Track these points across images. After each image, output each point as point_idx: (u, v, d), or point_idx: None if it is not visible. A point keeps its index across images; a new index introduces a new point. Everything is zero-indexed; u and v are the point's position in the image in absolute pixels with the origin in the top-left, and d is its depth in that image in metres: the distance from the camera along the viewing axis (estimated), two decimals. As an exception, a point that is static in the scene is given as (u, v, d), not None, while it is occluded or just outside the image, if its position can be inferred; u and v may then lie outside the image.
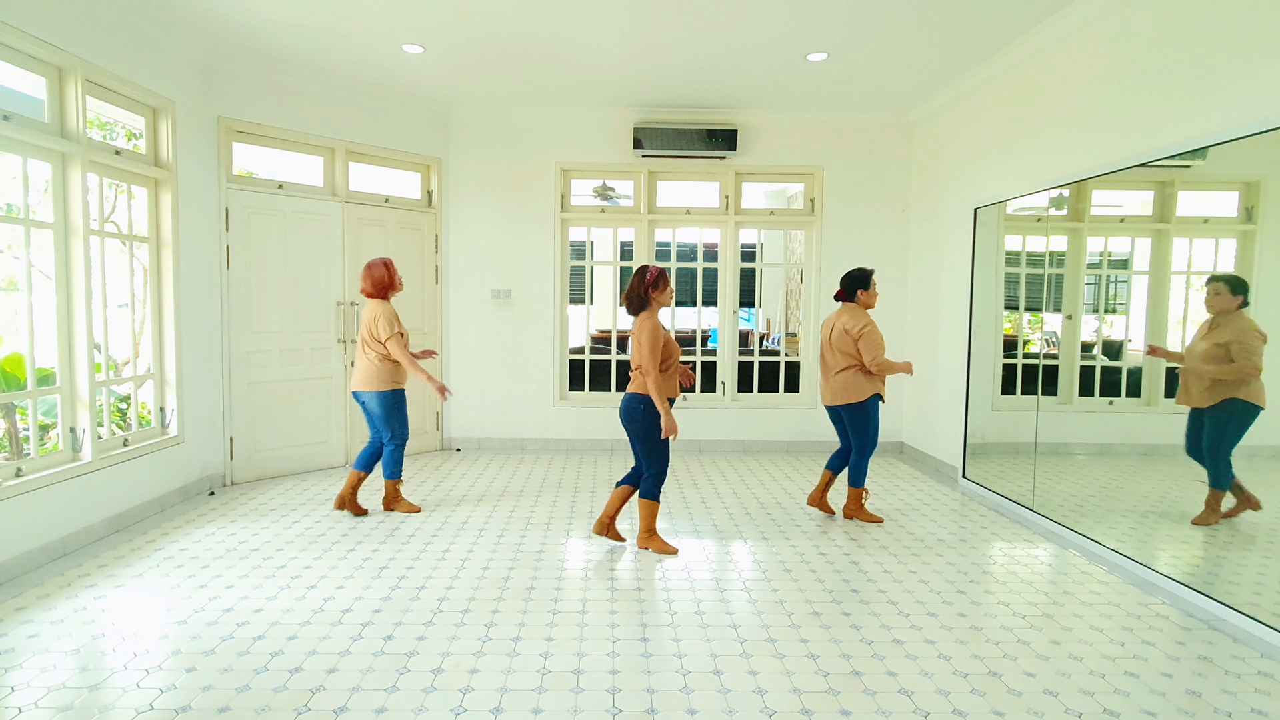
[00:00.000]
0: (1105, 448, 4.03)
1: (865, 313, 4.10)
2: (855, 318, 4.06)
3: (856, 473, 4.21)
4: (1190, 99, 3.28)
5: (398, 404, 4.23)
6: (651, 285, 3.57)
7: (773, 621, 2.94)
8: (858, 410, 4.09)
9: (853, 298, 4.16)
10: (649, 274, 3.58)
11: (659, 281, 3.58)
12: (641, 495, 3.71)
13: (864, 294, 4.13)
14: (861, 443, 4.15)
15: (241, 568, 3.45)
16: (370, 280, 4.20)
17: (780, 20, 4.22)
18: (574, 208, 6.35)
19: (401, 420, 4.27)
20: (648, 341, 3.47)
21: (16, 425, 4.89)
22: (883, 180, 6.21)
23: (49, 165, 3.63)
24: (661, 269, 3.60)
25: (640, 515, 3.74)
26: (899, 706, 2.33)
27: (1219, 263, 3.29)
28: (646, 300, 3.58)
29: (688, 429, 6.29)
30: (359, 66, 5.08)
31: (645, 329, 3.49)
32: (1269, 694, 2.43)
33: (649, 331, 3.48)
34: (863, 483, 4.24)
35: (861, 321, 4.04)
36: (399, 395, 4.24)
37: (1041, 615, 3.03)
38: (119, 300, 4.58)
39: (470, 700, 2.34)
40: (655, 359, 3.47)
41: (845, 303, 4.20)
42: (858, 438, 4.15)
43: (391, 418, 4.23)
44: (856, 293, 4.14)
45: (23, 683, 2.41)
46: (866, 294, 4.13)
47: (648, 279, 3.58)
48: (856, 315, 4.08)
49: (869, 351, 3.99)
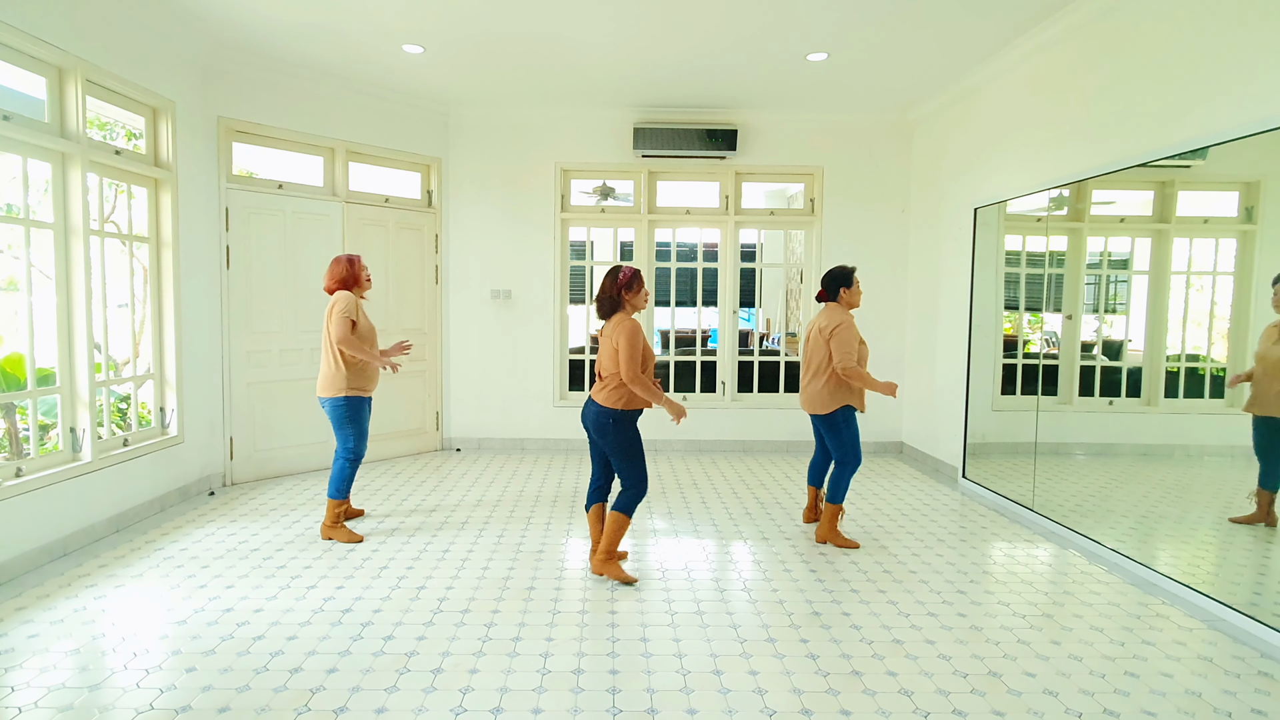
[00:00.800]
0: (1105, 448, 4.03)
1: (844, 312, 3.84)
2: (832, 317, 3.81)
3: (835, 487, 3.88)
4: (1190, 99, 3.28)
5: (355, 413, 3.86)
6: (624, 286, 3.32)
7: (773, 621, 2.94)
8: (828, 423, 3.83)
9: (835, 297, 3.92)
10: (622, 274, 3.33)
11: (633, 282, 3.33)
12: (614, 507, 3.35)
13: (847, 292, 3.88)
14: (840, 455, 3.85)
15: (241, 568, 3.45)
16: (332, 277, 3.94)
17: (780, 20, 4.22)
18: (574, 208, 6.35)
19: (358, 432, 3.89)
20: (627, 345, 3.18)
21: (16, 425, 4.89)
22: (882, 180, 6.21)
23: (49, 165, 3.63)
24: (636, 269, 3.36)
25: (606, 531, 3.36)
26: (899, 706, 2.33)
27: (1219, 263, 3.29)
28: (619, 303, 3.33)
29: (688, 429, 6.30)
30: (359, 66, 5.08)
31: (624, 333, 3.20)
32: (1269, 694, 2.43)
33: (629, 334, 3.19)
34: (841, 500, 3.88)
35: (837, 320, 3.77)
36: (357, 404, 3.86)
37: (1041, 615, 3.03)
38: (119, 300, 4.58)
39: (470, 700, 2.34)
40: (635, 363, 3.18)
41: (828, 303, 3.96)
42: (835, 450, 3.87)
43: (345, 427, 3.86)
44: (839, 291, 3.90)
45: (23, 683, 2.41)
46: (850, 292, 3.88)
47: (620, 279, 3.32)
48: (833, 315, 3.82)
49: (838, 352, 3.70)
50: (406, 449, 6.01)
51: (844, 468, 3.85)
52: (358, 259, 3.98)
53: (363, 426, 3.92)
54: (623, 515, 3.34)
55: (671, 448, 6.32)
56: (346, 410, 3.84)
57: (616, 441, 3.28)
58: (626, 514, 3.34)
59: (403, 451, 5.98)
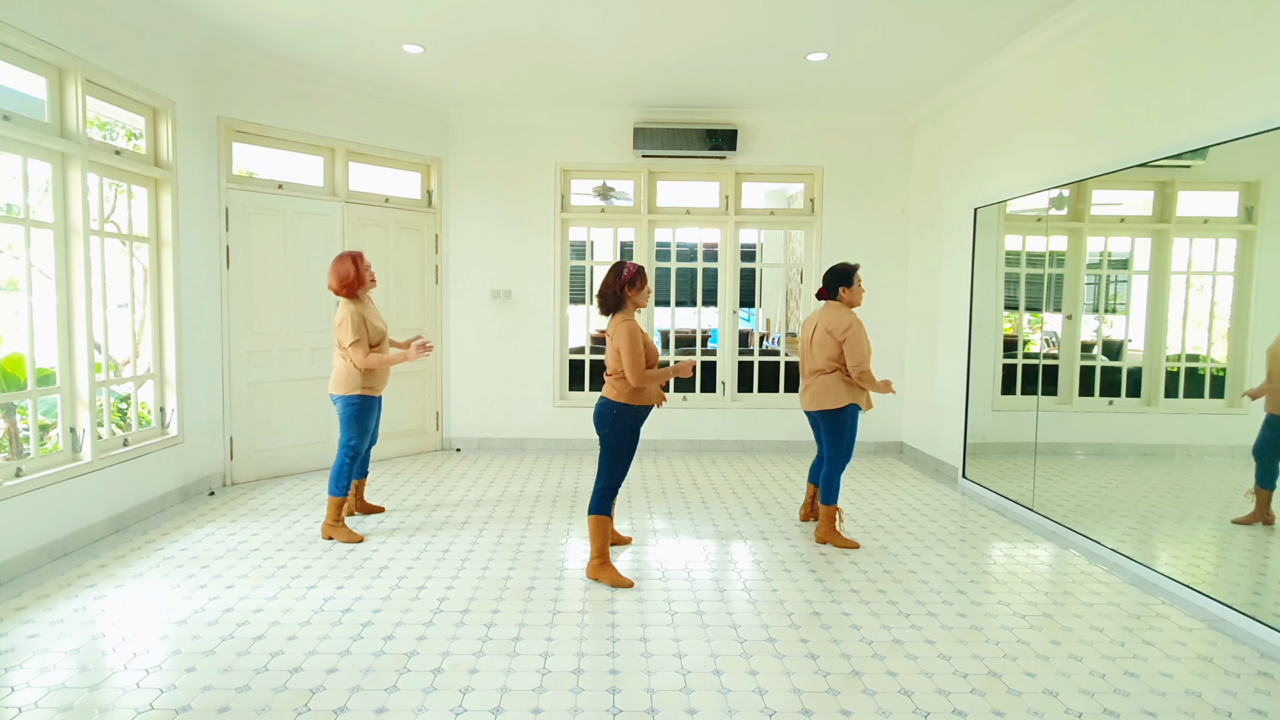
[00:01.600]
0: (1105, 448, 4.03)
1: (850, 312, 3.84)
2: (839, 318, 3.81)
3: (828, 488, 3.88)
4: (1190, 99, 3.28)
5: (362, 411, 3.89)
6: (628, 283, 3.27)
7: (773, 621, 2.94)
8: (834, 418, 3.82)
9: (835, 295, 3.91)
10: (626, 271, 3.27)
11: (636, 279, 3.28)
12: (590, 510, 3.35)
13: (847, 291, 3.87)
14: (835, 453, 3.85)
15: (241, 568, 3.45)
16: (335, 276, 3.83)
17: (780, 20, 4.22)
18: (574, 208, 6.35)
19: (361, 430, 3.91)
20: (628, 349, 3.16)
21: (16, 425, 4.89)
22: (882, 180, 6.21)
23: (49, 165, 3.63)
24: (639, 266, 3.31)
25: (590, 536, 3.36)
26: (899, 706, 2.33)
27: (1219, 263, 3.29)
28: (622, 300, 3.28)
29: (688, 429, 6.30)
30: (359, 66, 5.08)
31: (623, 334, 3.19)
32: (1269, 694, 2.43)
33: (627, 336, 3.17)
34: (835, 500, 3.89)
35: (846, 322, 3.78)
36: (367, 402, 3.90)
37: (1041, 615, 3.03)
38: (119, 300, 4.58)
39: (470, 700, 2.34)
40: (639, 364, 3.18)
41: (828, 301, 3.96)
42: (831, 447, 3.85)
43: (351, 424, 3.88)
44: (839, 290, 3.89)
45: (23, 683, 2.41)
46: (850, 291, 3.87)
47: (624, 276, 3.27)
48: (840, 315, 3.82)
49: (853, 357, 3.72)
50: (406, 449, 6.01)
51: (836, 466, 3.87)
52: (361, 256, 3.91)
53: (367, 425, 3.95)
54: (600, 516, 3.33)
55: (671, 448, 6.32)
56: (358, 408, 3.87)
57: (611, 431, 3.27)
58: (603, 513, 3.33)
59: (403, 451, 5.98)
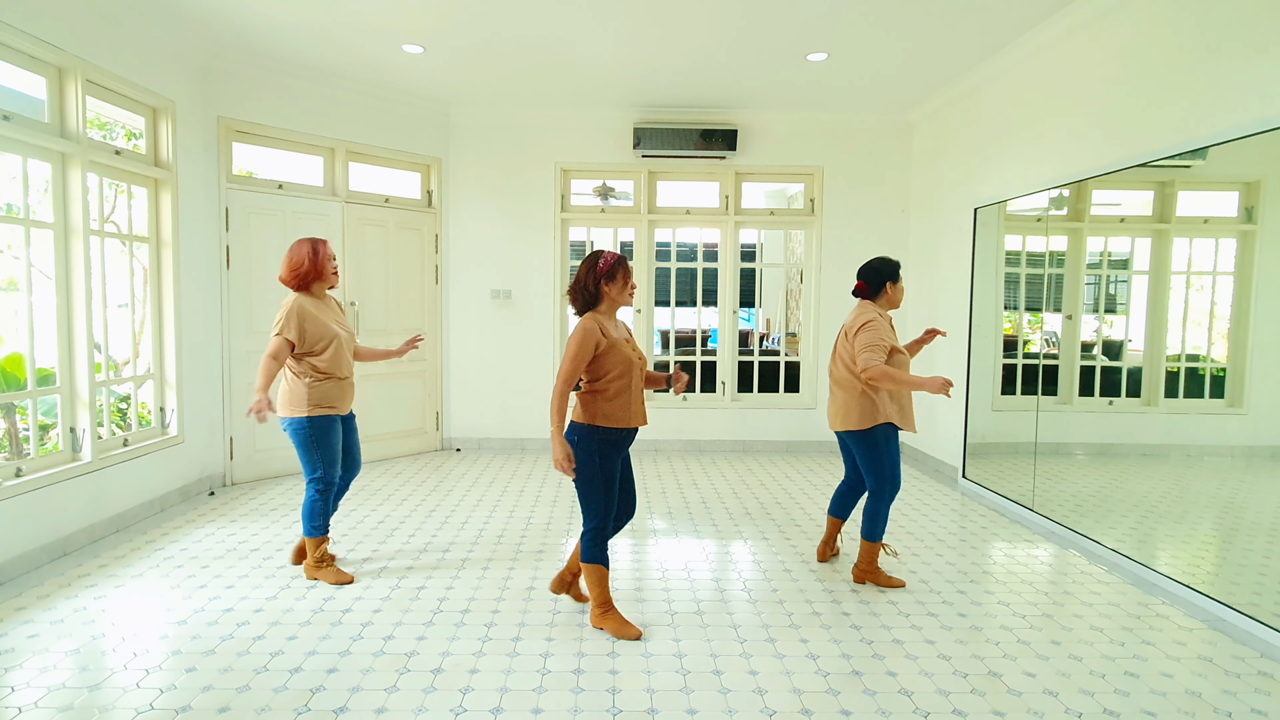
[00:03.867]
0: (1105, 448, 4.03)
1: (874, 308, 3.22)
2: (860, 314, 3.19)
3: (872, 522, 3.22)
4: (1190, 99, 3.28)
5: (321, 436, 3.16)
6: (605, 276, 2.68)
7: (773, 621, 2.94)
8: (864, 440, 3.16)
9: (878, 293, 3.25)
10: (603, 261, 2.69)
11: (615, 271, 2.69)
12: (582, 559, 2.80)
13: (893, 288, 3.24)
14: (876, 482, 3.18)
15: (241, 568, 3.45)
16: (287, 264, 3.16)
17: (780, 20, 4.21)
18: (574, 208, 6.35)
19: (327, 459, 3.18)
20: (573, 352, 2.63)
21: (16, 425, 4.89)
22: (882, 180, 6.21)
23: (49, 165, 3.62)
24: (621, 256, 2.72)
25: (588, 585, 2.82)
26: (899, 706, 2.33)
27: (1219, 263, 3.29)
28: (597, 297, 2.71)
29: (688, 429, 6.30)
30: (359, 67, 5.08)
31: (576, 332, 2.65)
32: (1269, 694, 2.43)
33: (579, 335, 2.63)
34: (880, 536, 3.24)
35: (867, 316, 3.15)
36: (322, 424, 3.15)
37: (1041, 615, 3.03)
38: (119, 300, 4.58)
39: (470, 700, 2.34)
40: (572, 375, 2.65)
41: (862, 300, 3.30)
42: (868, 475, 3.20)
43: (311, 452, 3.16)
44: (884, 287, 3.24)
45: (23, 683, 2.41)
46: (895, 288, 3.24)
47: (600, 268, 2.68)
48: (861, 311, 3.21)
49: (861, 350, 3.05)
50: (406, 449, 6.01)
51: (878, 500, 3.20)
52: (324, 244, 3.23)
53: (332, 452, 3.21)
54: (595, 565, 2.77)
55: (671, 448, 6.32)
56: (310, 433, 3.14)
57: (577, 459, 2.71)
58: (597, 562, 2.76)
59: (403, 451, 5.98)
